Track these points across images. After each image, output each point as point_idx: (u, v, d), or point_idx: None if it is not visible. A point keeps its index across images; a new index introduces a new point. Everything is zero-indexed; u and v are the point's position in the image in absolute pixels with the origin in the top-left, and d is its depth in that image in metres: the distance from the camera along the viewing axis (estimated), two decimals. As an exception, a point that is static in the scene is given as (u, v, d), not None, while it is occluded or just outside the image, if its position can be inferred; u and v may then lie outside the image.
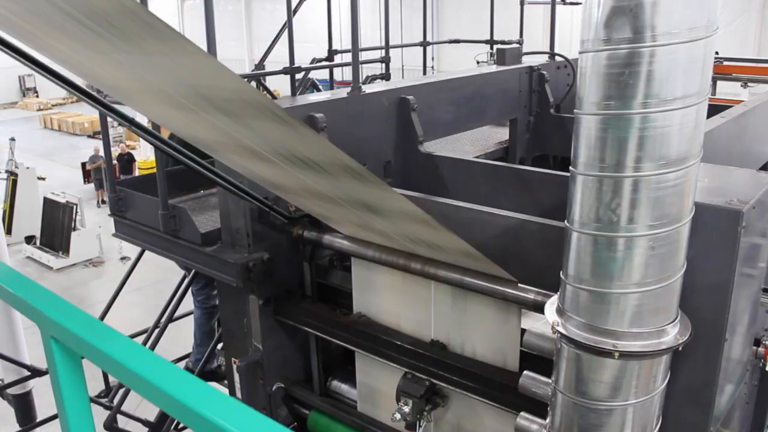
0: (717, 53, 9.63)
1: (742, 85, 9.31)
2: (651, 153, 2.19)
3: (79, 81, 3.13)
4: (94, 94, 3.39)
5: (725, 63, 9.02)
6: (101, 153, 22.81)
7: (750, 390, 5.44)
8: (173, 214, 4.51)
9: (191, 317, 7.75)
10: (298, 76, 7.28)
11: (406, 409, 3.64)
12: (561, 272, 2.50)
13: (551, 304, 2.61)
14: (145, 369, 1.57)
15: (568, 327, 2.44)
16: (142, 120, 3.84)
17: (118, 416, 6.25)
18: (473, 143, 6.49)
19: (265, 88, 7.74)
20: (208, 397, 1.46)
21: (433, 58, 27.37)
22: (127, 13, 1.92)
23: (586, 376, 2.46)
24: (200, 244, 4.38)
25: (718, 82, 9.45)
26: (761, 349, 3.81)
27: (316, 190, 3.25)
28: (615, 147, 2.22)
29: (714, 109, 4.21)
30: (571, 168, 2.38)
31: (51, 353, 1.72)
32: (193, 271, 5.40)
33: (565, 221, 2.44)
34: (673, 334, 2.42)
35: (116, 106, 3.42)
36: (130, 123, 3.46)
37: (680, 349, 2.43)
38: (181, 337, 7.96)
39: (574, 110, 2.34)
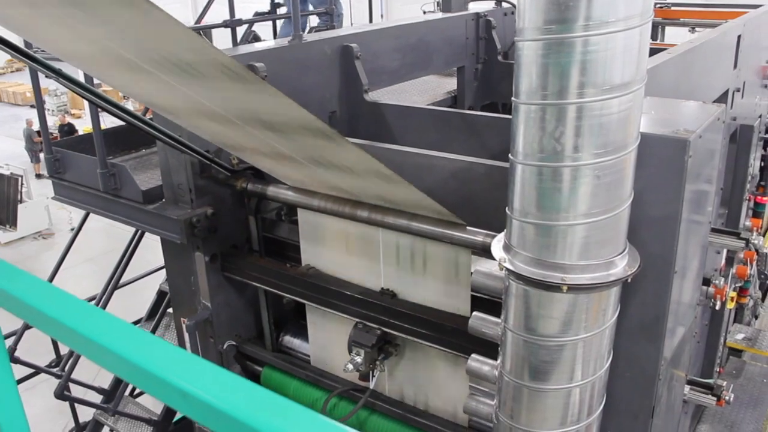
0: (664, -2, 9.65)
1: (690, 30, 9.32)
2: (594, 78, 2.11)
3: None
4: (22, 47, 3.20)
5: (673, 8, 9.02)
6: (34, 126, 22.15)
7: (701, 329, 5.52)
8: (113, 173, 4.35)
9: (142, 281, 7.61)
10: (241, 31, 7.08)
11: (359, 359, 3.58)
12: (507, 207, 2.43)
13: (498, 241, 2.54)
14: (63, 313, 1.46)
15: (516, 263, 2.38)
16: (78, 75, 3.66)
17: (74, 386, 6.12)
18: (421, 94, 6.37)
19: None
20: (146, 345, 1.35)
21: (382, 16, 27.08)
22: None
23: (535, 312, 2.40)
24: (142, 201, 4.24)
25: (667, 29, 9.46)
26: (711, 289, 3.83)
27: (206, 107, 3.04)
28: (557, 73, 2.13)
29: (663, 54, 4.16)
30: (513, 99, 2.29)
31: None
32: None
33: (509, 154, 2.37)
34: (621, 266, 2.37)
35: (49, 62, 3.24)
36: (58, 75, 3.28)
37: (629, 281, 2.38)
38: (135, 304, 7.79)
39: (515, 38, 2.25)
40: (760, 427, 6.76)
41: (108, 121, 5.46)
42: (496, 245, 2.52)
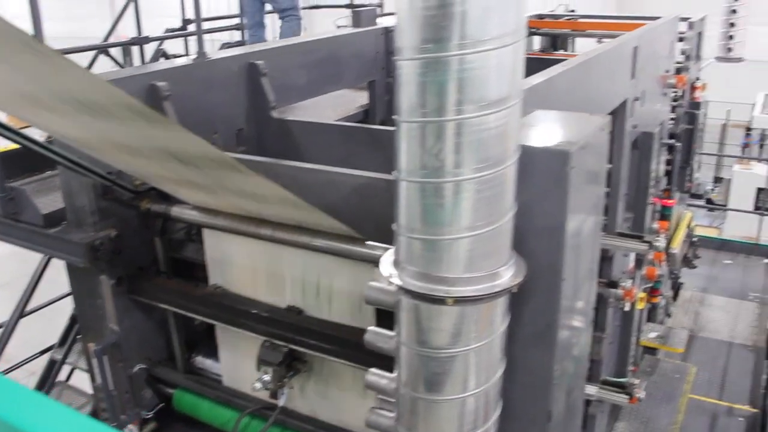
0: (573, 11, 9.92)
1: (597, 42, 9.59)
2: (471, 95, 2.17)
3: None
4: None
5: (580, 20, 9.28)
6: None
7: (613, 330, 5.69)
8: (11, 197, 4.24)
9: (63, 303, 7.39)
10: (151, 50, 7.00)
11: (267, 377, 3.57)
12: (393, 224, 2.47)
13: (388, 256, 2.58)
14: None
15: (404, 278, 2.42)
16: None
17: None
18: (335, 108, 6.39)
19: (118, 64, 7.38)
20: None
21: (305, 28, 27.04)
22: None
23: (425, 325, 2.44)
24: (43, 225, 4.14)
25: (577, 40, 9.73)
26: (620, 291, 3.95)
27: (116, 140, 3.13)
28: (435, 91, 2.18)
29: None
30: (394, 117, 2.34)
31: None
32: None
33: (394, 171, 2.41)
34: (507, 277, 2.43)
35: None
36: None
37: (515, 290, 2.45)
38: (54, 329, 7.58)
39: (393, 57, 2.30)
40: (674, 419, 7.03)
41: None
42: (386, 261, 2.55)
